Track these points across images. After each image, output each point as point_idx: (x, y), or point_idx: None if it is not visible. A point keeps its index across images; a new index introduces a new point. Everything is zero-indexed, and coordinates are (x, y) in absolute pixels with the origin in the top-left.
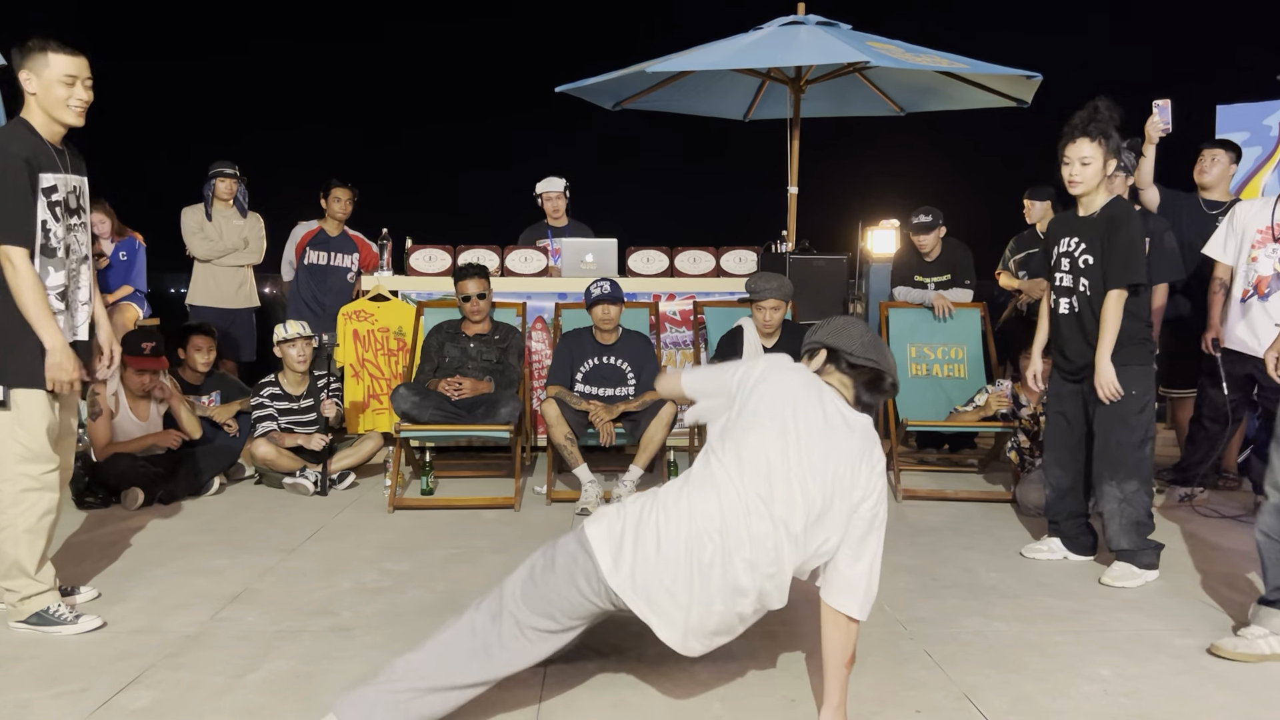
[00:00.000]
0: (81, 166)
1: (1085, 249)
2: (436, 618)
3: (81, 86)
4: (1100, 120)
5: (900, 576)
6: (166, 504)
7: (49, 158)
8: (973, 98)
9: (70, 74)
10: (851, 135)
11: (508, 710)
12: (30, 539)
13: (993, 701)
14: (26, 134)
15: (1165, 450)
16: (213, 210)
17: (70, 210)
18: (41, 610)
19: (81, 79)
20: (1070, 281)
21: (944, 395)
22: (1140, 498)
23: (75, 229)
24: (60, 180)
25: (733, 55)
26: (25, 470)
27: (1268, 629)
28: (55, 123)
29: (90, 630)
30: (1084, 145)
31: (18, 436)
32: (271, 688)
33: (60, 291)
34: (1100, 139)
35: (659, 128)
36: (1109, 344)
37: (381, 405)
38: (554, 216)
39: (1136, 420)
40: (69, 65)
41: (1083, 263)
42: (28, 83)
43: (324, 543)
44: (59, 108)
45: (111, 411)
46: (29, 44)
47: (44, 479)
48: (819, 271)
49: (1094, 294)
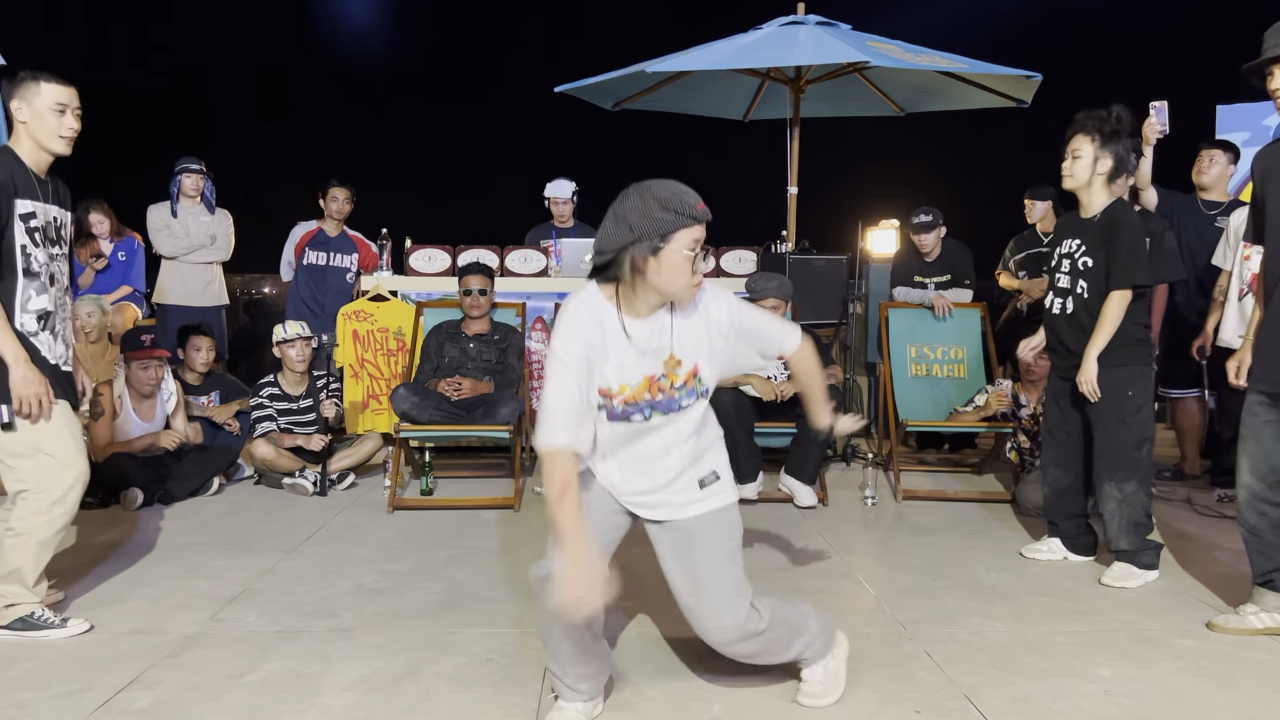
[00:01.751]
0: (66, 200)
1: (1085, 250)
2: (436, 618)
3: (71, 115)
4: (1097, 118)
5: (900, 576)
6: (166, 504)
7: (29, 185)
8: (973, 98)
9: (62, 102)
10: (851, 135)
11: (508, 710)
12: (40, 551)
13: (993, 701)
14: (9, 159)
15: (1165, 450)
16: (179, 207)
17: (51, 240)
18: (26, 616)
19: (71, 108)
20: (1067, 282)
21: (944, 395)
22: (1139, 498)
23: (57, 259)
24: (39, 208)
25: (732, 55)
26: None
27: (1259, 606)
28: (43, 151)
29: (79, 634)
30: (1079, 140)
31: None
32: (271, 688)
33: (43, 315)
34: (1095, 135)
35: (659, 128)
36: (1101, 343)
37: (381, 405)
38: (560, 219)
39: (1134, 421)
40: (60, 94)
41: (1082, 264)
42: (19, 111)
43: (323, 543)
44: (49, 136)
45: (115, 412)
46: (20, 74)
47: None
48: (819, 271)
49: (1091, 295)
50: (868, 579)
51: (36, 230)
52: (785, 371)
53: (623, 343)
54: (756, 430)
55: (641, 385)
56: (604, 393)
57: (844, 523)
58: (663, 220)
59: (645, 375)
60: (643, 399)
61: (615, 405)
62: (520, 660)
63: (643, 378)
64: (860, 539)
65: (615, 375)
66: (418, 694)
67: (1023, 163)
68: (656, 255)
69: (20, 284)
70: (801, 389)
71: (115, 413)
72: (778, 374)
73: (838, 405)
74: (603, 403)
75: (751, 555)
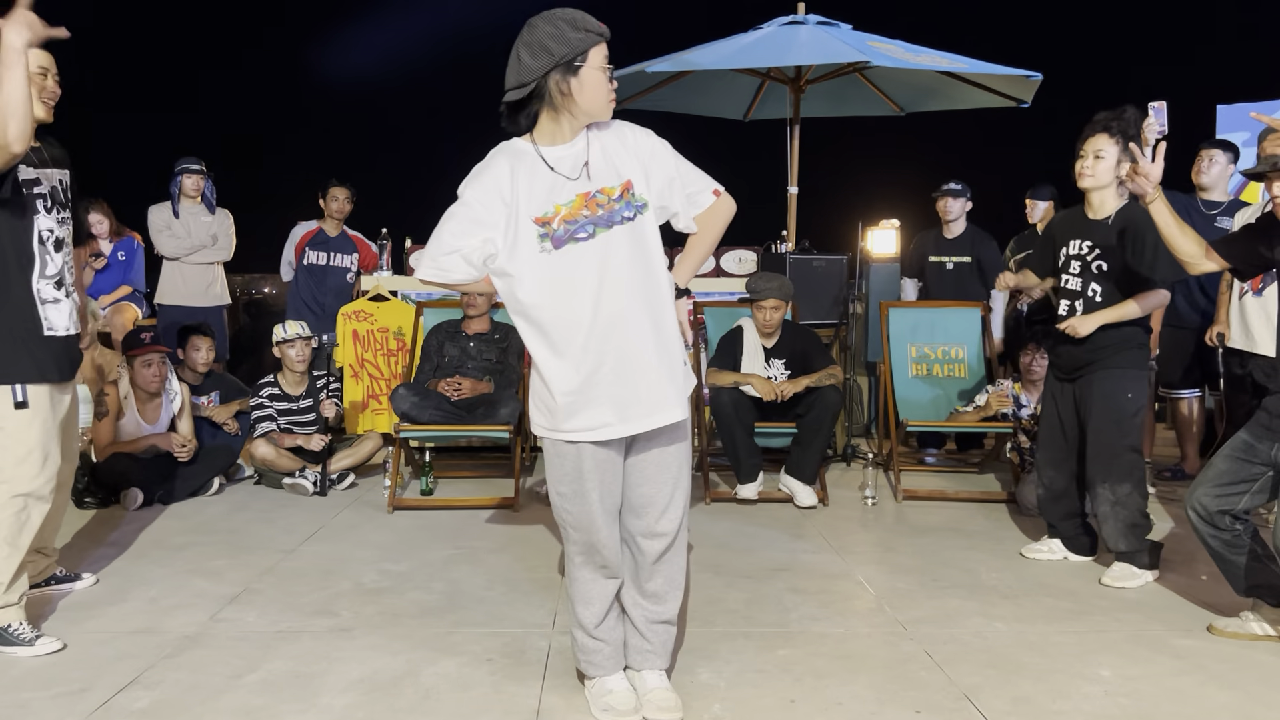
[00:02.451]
0: (61, 161)
1: (1100, 254)
2: (436, 618)
3: (52, 80)
4: (1123, 121)
5: (900, 576)
6: (166, 504)
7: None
8: (973, 98)
9: (43, 66)
10: (851, 135)
11: (508, 710)
12: (9, 551)
13: (993, 702)
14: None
15: (1165, 450)
16: (180, 207)
17: (60, 204)
18: (3, 627)
19: (51, 73)
20: (1078, 285)
21: (944, 395)
22: (1133, 500)
23: (65, 222)
24: (41, 174)
25: (733, 55)
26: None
27: (1258, 615)
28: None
29: (48, 654)
30: (1102, 140)
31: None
32: (271, 688)
33: (58, 280)
34: (1119, 138)
35: (658, 128)
36: (1118, 316)
37: (381, 405)
38: None
39: (1130, 424)
40: (41, 59)
41: (1096, 268)
42: None
43: (323, 543)
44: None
45: (121, 411)
46: None
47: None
48: (819, 271)
49: (1105, 300)
50: (868, 579)
51: (41, 197)
52: (786, 371)
53: (547, 172)
54: (756, 430)
55: (577, 201)
56: (541, 220)
57: (844, 523)
58: (576, 39)
59: (578, 193)
60: (580, 215)
61: (557, 228)
62: (520, 660)
63: (576, 195)
64: (860, 539)
65: (548, 199)
66: (418, 694)
67: (1022, 163)
68: (577, 75)
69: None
70: (691, 241)
71: (121, 412)
72: (778, 374)
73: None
74: (544, 232)
75: (752, 555)
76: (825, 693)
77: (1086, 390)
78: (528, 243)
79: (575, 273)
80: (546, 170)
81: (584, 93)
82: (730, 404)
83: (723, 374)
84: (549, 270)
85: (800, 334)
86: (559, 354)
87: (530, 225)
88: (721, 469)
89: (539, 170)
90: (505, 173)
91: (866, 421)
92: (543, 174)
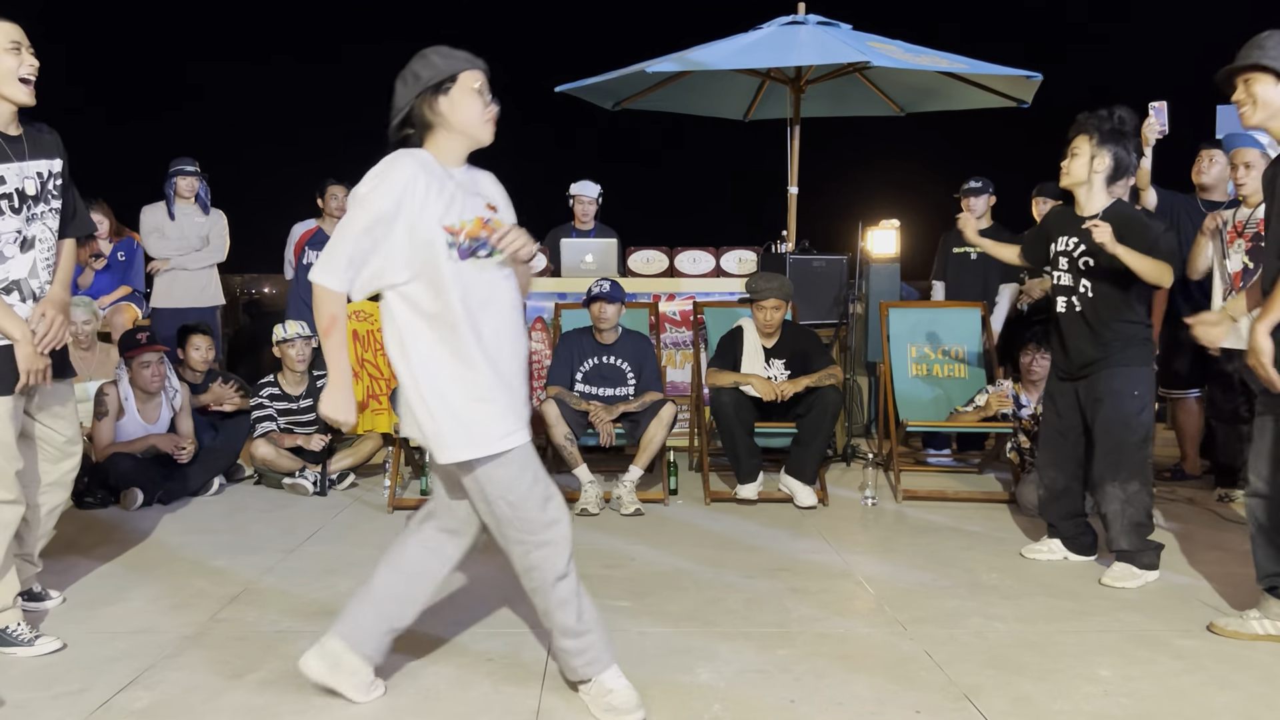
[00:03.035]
0: (49, 149)
1: (1085, 251)
2: (435, 618)
3: (28, 53)
4: (1096, 117)
5: (900, 576)
6: (166, 504)
7: None
8: (973, 98)
9: (15, 39)
10: (851, 135)
11: (508, 710)
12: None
13: (993, 701)
14: None
15: (1165, 450)
16: (175, 208)
17: (28, 198)
18: (1, 629)
19: (25, 45)
20: (1070, 280)
21: (944, 395)
22: (1141, 498)
23: (40, 216)
24: (6, 170)
25: (733, 55)
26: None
27: (1262, 612)
28: (4, 101)
29: (48, 653)
30: (1077, 139)
31: None
32: (271, 688)
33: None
34: (1093, 135)
35: (659, 127)
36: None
37: (381, 405)
38: (582, 220)
39: (1137, 421)
40: (12, 30)
41: (1083, 264)
42: None
43: (323, 543)
44: (8, 81)
45: (122, 411)
46: None
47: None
48: (819, 271)
49: (1097, 295)
50: (868, 579)
51: (5, 197)
52: (786, 371)
53: (449, 183)
54: (756, 430)
55: (476, 223)
56: (450, 230)
57: (844, 523)
58: (443, 65)
59: (475, 215)
60: (480, 235)
61: (462, 240)
62: (520, 660)
63: (474, 217)
64: (860, 539)
65: (455, 213)
66: (418, 694)
67: (1023, 163)
68: (447, 94)
69: None
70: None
71: (121, 412)
72: (778, 374)
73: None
74: (452, 240)
75: (752, 555)
76: (825, 693)
77: (1093, 388)
78: (439, 248)
79: (482, 279)
80: (449, 181)
81: (456, 112)
82: (730, 404)
83: (723, 374)
84: (457, 279)
85: (800, 334)
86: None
87: (440, 231)
88: (721, 469)
89: (442, 180)
90: (409, 179)
91: (866, 421)
92: (446, 185)
